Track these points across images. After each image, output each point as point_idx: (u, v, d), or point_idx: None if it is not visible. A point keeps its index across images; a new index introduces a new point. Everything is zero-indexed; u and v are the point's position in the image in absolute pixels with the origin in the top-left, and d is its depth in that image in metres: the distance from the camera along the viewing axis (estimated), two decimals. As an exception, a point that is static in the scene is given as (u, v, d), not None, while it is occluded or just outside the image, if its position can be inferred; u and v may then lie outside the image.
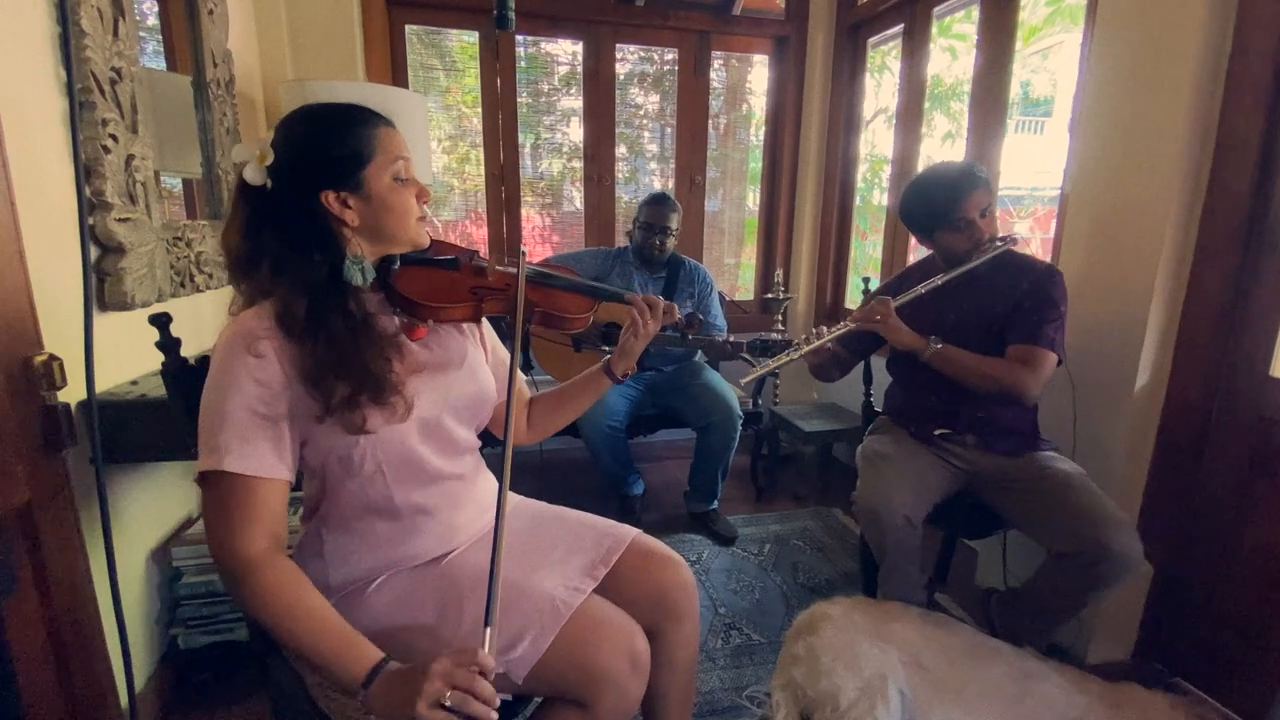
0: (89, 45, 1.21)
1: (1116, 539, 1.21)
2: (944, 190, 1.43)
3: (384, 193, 0.83)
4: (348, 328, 0.80)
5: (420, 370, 0.89)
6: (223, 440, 0.74)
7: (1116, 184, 1.53)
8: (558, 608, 0.86)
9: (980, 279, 1.47)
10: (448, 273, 0.95)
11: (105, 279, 1.27)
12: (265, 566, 0.75)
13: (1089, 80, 1.58)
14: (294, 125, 0.83)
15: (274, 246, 0.80)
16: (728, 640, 1.66)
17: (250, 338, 0.77)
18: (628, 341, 1.06)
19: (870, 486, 1.42)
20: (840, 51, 2.75)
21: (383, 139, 0.84)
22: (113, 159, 1.26)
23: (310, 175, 0.80)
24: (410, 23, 2.51)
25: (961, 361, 1.42)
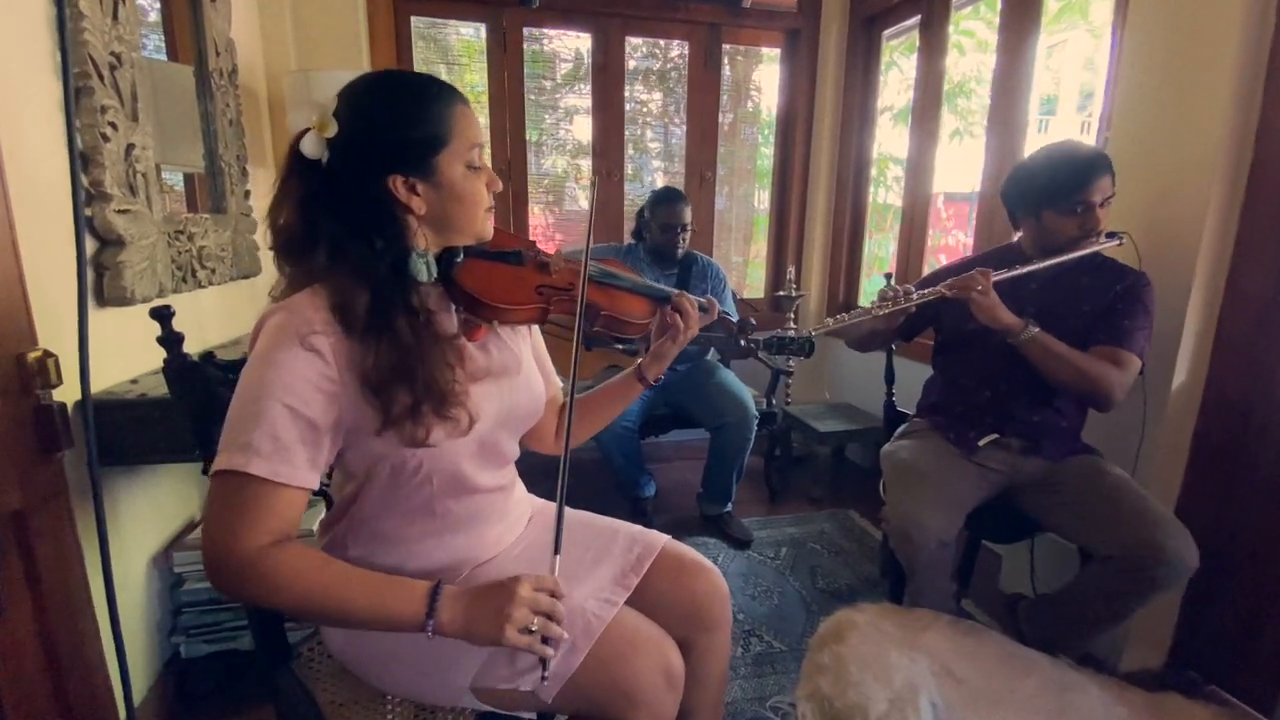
0: (87, 29, 1.15)
1: (1172, 542, 1.17)
2: (1075, 165, 1.32)
3: (456, 181, 0.75)
4: (412, 328, 0.72)
5: (482, 378, 0.81)
6: (254, 439, 0.65)
7: (1152, 179, 1.47)
8: (590, 622, 0.80)
9: (1068, 276, 1.41)
10: (512, 268, 0.87)
11: (104, 273, 1.21)
12: (270, 551, 0.67)
13: (1121, 70, 1.53)
14: (363, 96, 0.73)
15: (332, 228, 0.71)
16: (748, 648, 1.61)
17: (304, 328, 0.68)
18: (664, 346, 0.99)
19: (901, 505, 1.35)
20: (854, 45, 2.70)
21: (460, 120, 0.75)
22: (112, 148, 1.21)
23: (378, 156, 0.72)
24: (416, 14, 2.46)
25: (1058, 350, 1.30)
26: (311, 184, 0.72)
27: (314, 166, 0.71)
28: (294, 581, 0.66)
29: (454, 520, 0.83)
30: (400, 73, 0.78)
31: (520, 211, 2.73)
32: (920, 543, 1.30)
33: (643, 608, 0.89)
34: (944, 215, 4.99)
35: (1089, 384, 1.30)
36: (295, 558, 0.67)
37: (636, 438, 2.11)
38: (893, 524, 1.36)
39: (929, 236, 2.47)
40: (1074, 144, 1.37)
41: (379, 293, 0.71)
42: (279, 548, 0.67)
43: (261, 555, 0.66)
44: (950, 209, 4.93)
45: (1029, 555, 1.63)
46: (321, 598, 0.67)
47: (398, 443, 0.73)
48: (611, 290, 0.96)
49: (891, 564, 1.59)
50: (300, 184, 0.72)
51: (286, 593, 0.66)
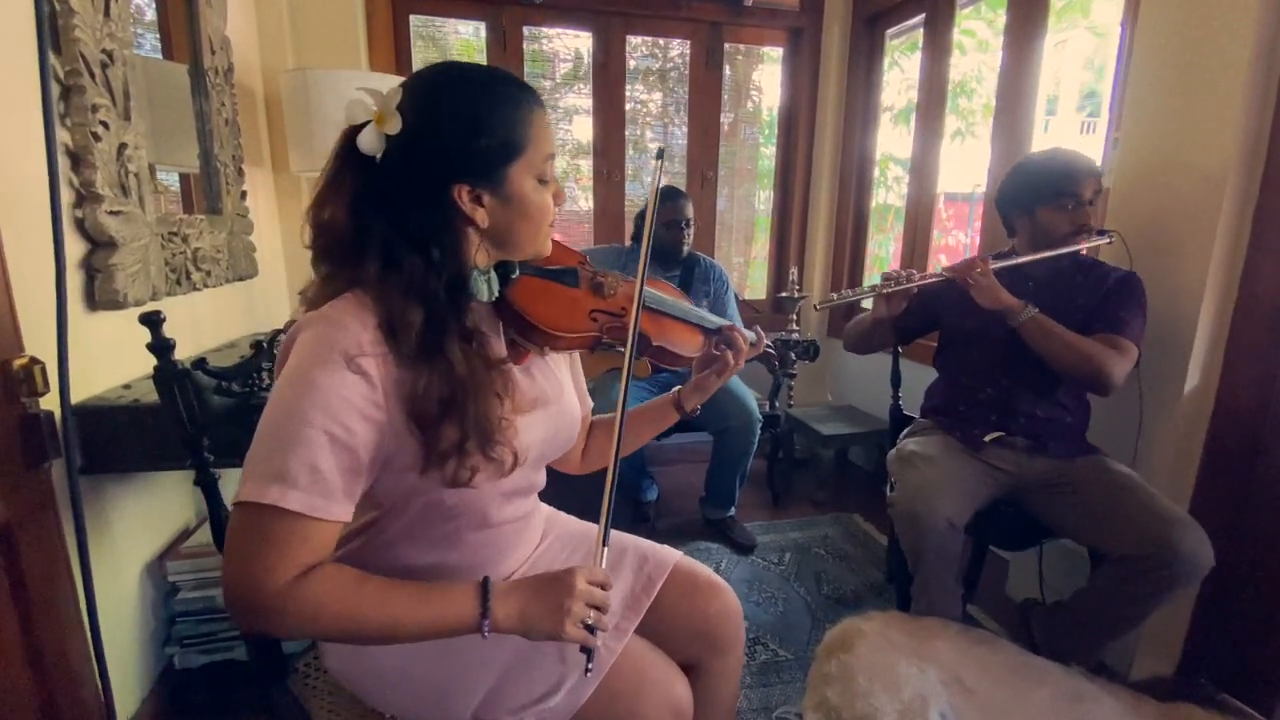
0: (78, 25, 1.12)
1: (1186, 539, 1.15)
2: (1065, 164, 1.39)
3: (526, 194, 0.69)
4: (465, 355, 0.66)
5: (529, 410, 0.74)
6: (291, 468, 0.59)
7: (1164, 180, 1.45)
8: (601, 654, 0.77)
9: (1063, 276, 1.44)
10: (566, 289, 0.80)
11: (95, 275, 1.18)
12: (299, 582, 0.61)
13: (1132, 71, 1.51)
14: (434, 91, 0.66)
15: (386, 233, 0.64)
16: (753, 656, 1.58)
17: (352, 348, 0.61)
18: (708, 379, 0.93)
19: (910, 487, 1.34)
20: (857, 44, 2.68)
21: (537, 127, 0.69)
22: (103, 147, 1.18)
23: (445, 161, 0.65)
24: (415, 11, 2.43)
25: (1056, 331, 1.33)
26: (366, 182, 0.65)
27: (369, 163, 0.64)
28: (330, 608, 0.61)
29: (472, 550, 0.78)
30: (476, 67, 0.69)
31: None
32: (929, 523, 1.28)
33: (652, 626, 0.86)
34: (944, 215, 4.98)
35: (1088, 365, 1.30)
36: (328, 582, 0.62)
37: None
38: (901, 506, 1.34)
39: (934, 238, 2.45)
40: (1061, 149, 1.44)
41: (434, 311, 0.65)
42: (309, 576, 0.61)
43: (291, 588, 0.60)
44: (950, 209, 4.92)
45: (1038, 561, 1.60)
46: (363, 619, 0.63)
47: (438, 481, 0.67)
48: (663, 319, 0.89)
49: (898, 570, 1.56)
50: (353, 181, 0.65)
51: (325, 621, 0.61)
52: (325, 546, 0.63)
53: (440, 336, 0.65)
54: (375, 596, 0.64)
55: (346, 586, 0.63)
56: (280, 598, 0.60)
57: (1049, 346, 1.33)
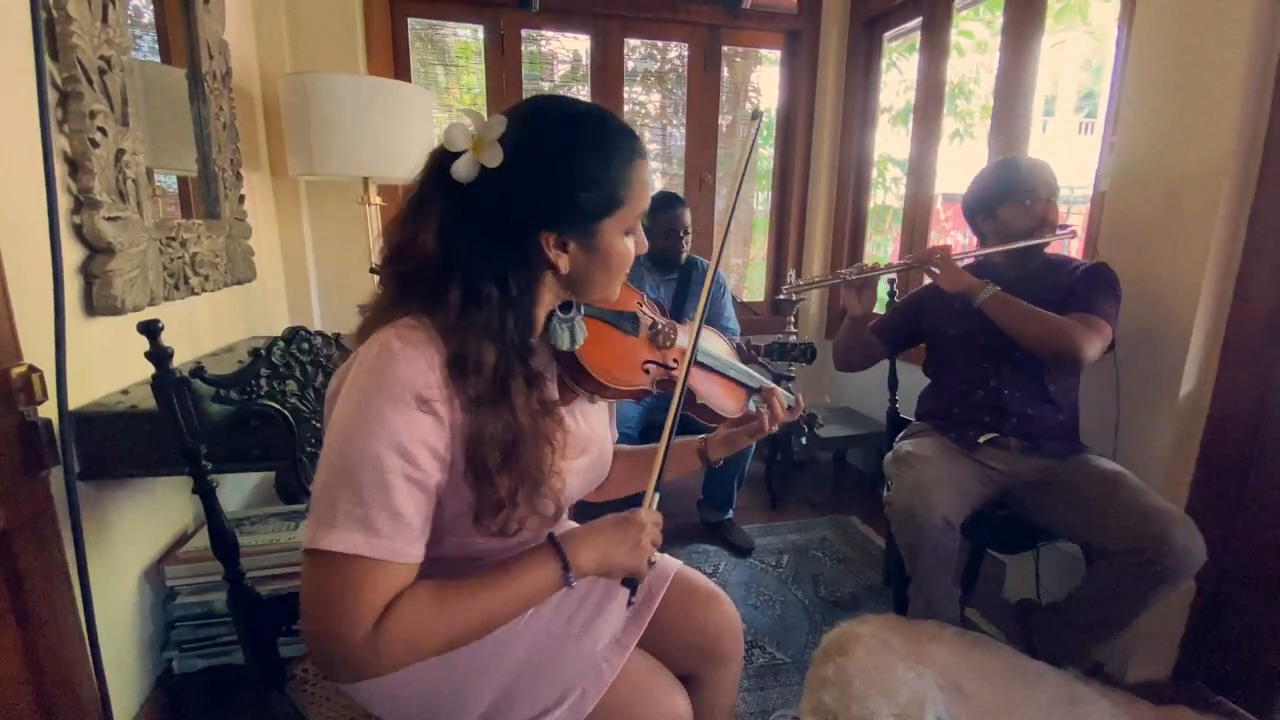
0: (75, 32, 1.13)
1: (1177, 532, 1.15)
2: (1019, 166, 1.47)
3: (613, 248, 0.67)
4: (527, 403, 0.64)
5: (575, 457, 0.73)
6: (373, 514, 0.57)
7: (1159, 183, 1.46)
8: (601, 669, 0.77)
9: (1033, 276, 1.47)
10: (625, 337, 0.78)
11: (93, 281, 1.19)
12: (384, 623, 0.58)
13: (1128, 75, 1.51)
14: (539, 131, 0.64)
15: (470, 265, 0.62)
16: (751, 659, 1.59)
17: (424, 388, 0.59)
18: (739, 436, 0.92)
19: (906, 486, 1.34)
20: (855, 46, 2.68)
21: (636, 184, 0.66)
22: (101, 153, 1.18)
23: (543, 206, 0.64)
24: (414, 15, 2.43)
25: (1021, 308, 1.35)
26: (455, 210, 0.63)
27: (459, 190, 0.63)
28: (424, 632, 0.60)
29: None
30: (587, 110, 0.66)
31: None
32: (925, 521, 1.28)
33: (651, 637, 0.86)
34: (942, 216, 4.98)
35: (1056, 337, 1.32)
36: (411, 611, 0.60)
37: (638, 443, 2.08)
38: (897, 504, 1.34)
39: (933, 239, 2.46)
40: (1016, 155, 1.55)
41: (505, 352, 0.63)
42: (391, 613, 0.59)
43: (376, 632, 0.58)
44: (949, 210, 4.92)
45: (1034, 563, 1.61)
46: (460, 626, 0.62)
47: (484, 531, 0.66)
48: (712, 376, 0.88)
49: (896, 572, 1.57)
50: (444, 206, 0.63)
51: (425, 646, 0.60)
52: (399, 586, 0.61)
53: (508, 378, 0.63)
54: (460, 600, 0.62)
55: (430, 605, 0.61)
56: (370, 644, 0.58)
57: (1014, 322, 1.36)
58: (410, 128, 1.94)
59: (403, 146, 1.92)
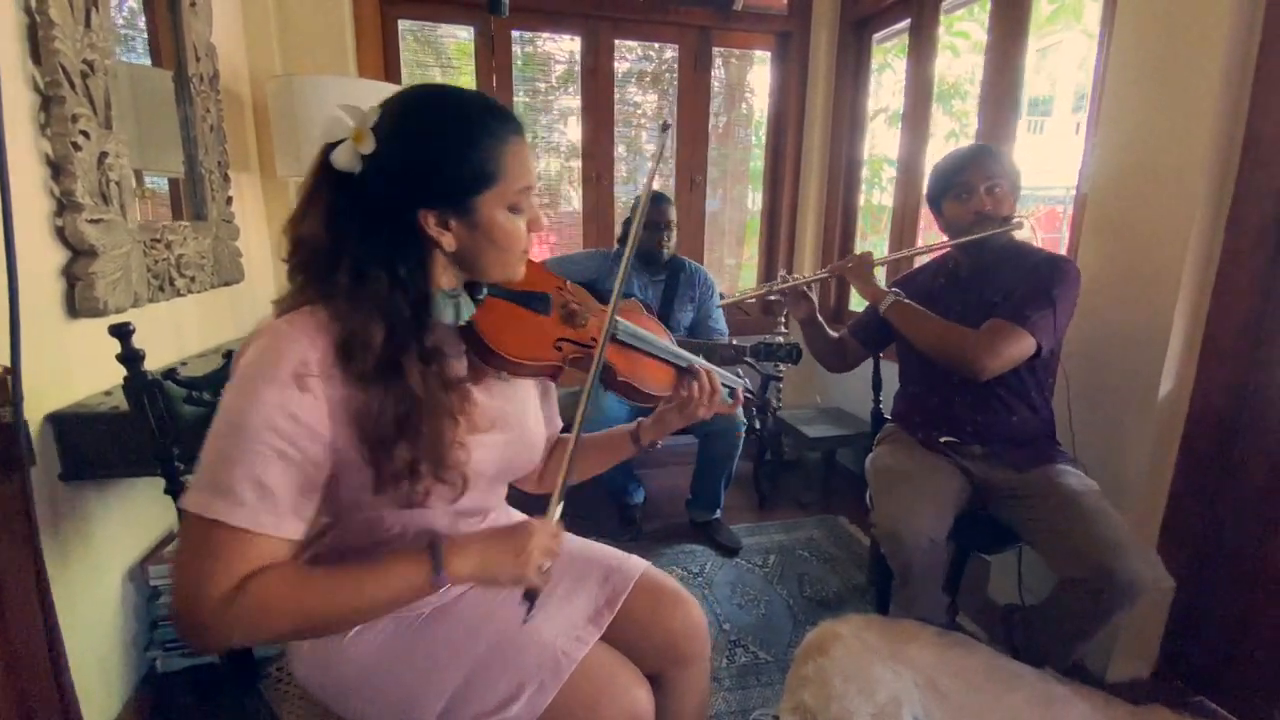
0: (58, 36, 1.14)
1: (1123, 566, 1.14)
2: (954, 159, 1.46)
3: (495, 223, 0.69)
4: (423, 377, 0.66)
5: (485, 430, 0.74)
6: (236, 482, 0.59)
7: (1138, 184, 1.46)
8: (559, 661, 0.78)
9: (988, 271, 1.46)
10: (535, 315, 0.79)
11: (75, 284, 1.20)
12: (245, 586, 0.60)
13: (1109, 76, 1.52)
14: (408, 116, 0.66)
15: (357, 250, 0.65)
16: (733, 659, 1.60)
17: (301, 366, 0.61)
18: (669, 414, 0.93)
19: (889, 507, 1.35)
20: (844, 48, 2.69)
21: (512, 159, 0.68)
22: (83, 156, 1.19)
23: (416, 186, 0.66)
24: (403, 17, 2.44)
25: (916, 319, 1.40)
26: (341, 198, 0.66)
27: (345, 178, 0.65)
28: (277, 607, 0.61)
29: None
30: (455, 93, 0.69)
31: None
32: (912, 543, 1.29)
33: (615, 636, 0.87)
34: (939, 216, 4.95)
35: (949, 352, 1.35)
36: (270, 583, 0.61)
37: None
38: (882, 528, 1.35)
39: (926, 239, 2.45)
40: (960, 147, 1.49)
41: (395, 330, 0.65)
42: (251, 582, 0.60)
43: (233, 597, 0.60)
44: (946, 210, 4.91)
45: (1017, 564, 1.61)
46: (316, 610, 0.63)
47: (388, 503, 0.68)
48: (635, 354, 0.88)
49: (879, 573, 1.58)
50: (329, 196, 0.66)
51: (275, 621, 0.61)
52: (268, 560, 0.62)
53: (400, 355, 0.65)
54: (322, 584, 0.64)
55: (291, 584, 0.62)
56: (220, 609, 0.59)
57: (910, 332, 1.39)
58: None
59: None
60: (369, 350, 0.63)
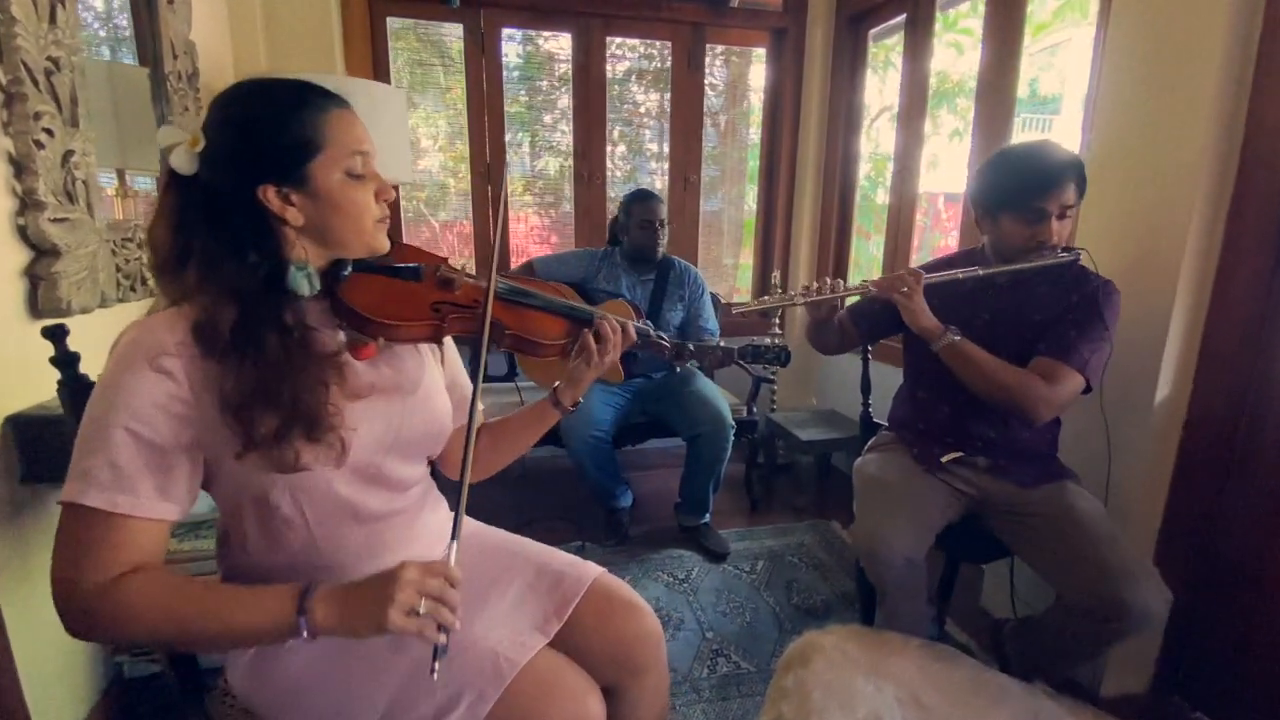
0: (20, 34, 1.12)
1: (1137, 597, 1.09)
2: (1037, 169, 1.25)
3: (333, 190, 0.71)
4: (282, 345, 0.68)
5: (363, 396, 0.76)
6: (93, 467, 0.62)
7: (1134, 183, 1.41)
8: (500, 667, 0.75)
9: (1026, 283, 1.35)
10: (407, 284, 0.83)
11: (39, 284, 1.18)
12: (118, 582, 0.63)
13: (1104, 71, 1.47)
14: (229, 105, 0.70)
15: (204, 245, 0.68)
16: (714, 669, 1.56)
17: (155, 349, 0.65)
18: (578, 369, 0.94)
19: (867, 523, 1.30)
20: (840, 44, 2.64)
21: (335, 126, 0.71)
22: (47, 155, 1.17)
23: (246, 166, 0.68)
24: (392, 14, 2.42)
25: (976, 360, 1.26)
26: (186, 199, 0.69)
27: (190, 181, 0.68)
28: (148, 610, 0.63)
29: (346, 555, 0.77)
30: (269, 79, 0.73)
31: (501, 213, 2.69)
32: (887, 561, 1.24)
33: (567, 647, 0.84)
34: (944, 216, 4.91)
35: (1010, 398, 1.25)
36: (146, 584, 0.64)
37: (610, 448, 2.06)
38: (859, 544, 1.30)
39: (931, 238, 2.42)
40: (1046, 146, 1.29)
41: (248, 308, 0.67)
42: (128, 577, 0.64)
43: (108, 589, 0.63)
44: (950, 210, 4.85)
45: (1009, 574, 1.57)
46: (183, 622, 0.64)
47: (264, 467, 0.68)
48: (521, 309, 0.92)
49: (864, 583, 1.53)
50: (174, 199, 0.69)
51: (144, 623, 0.63)
52: (144, 544, 0.65)
53: (254, 330, 0.67)
54: (195, 599, 0.65)
55: (165, 589, 0.64)
56: (94, 598, 0.62)
57: (966, 375, 1.28)
58: (382, 128, 1.92)
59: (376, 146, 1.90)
60: (221, 328, 0.66)
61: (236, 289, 0.67)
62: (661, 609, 1.77)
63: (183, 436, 0.66)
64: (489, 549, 0.95)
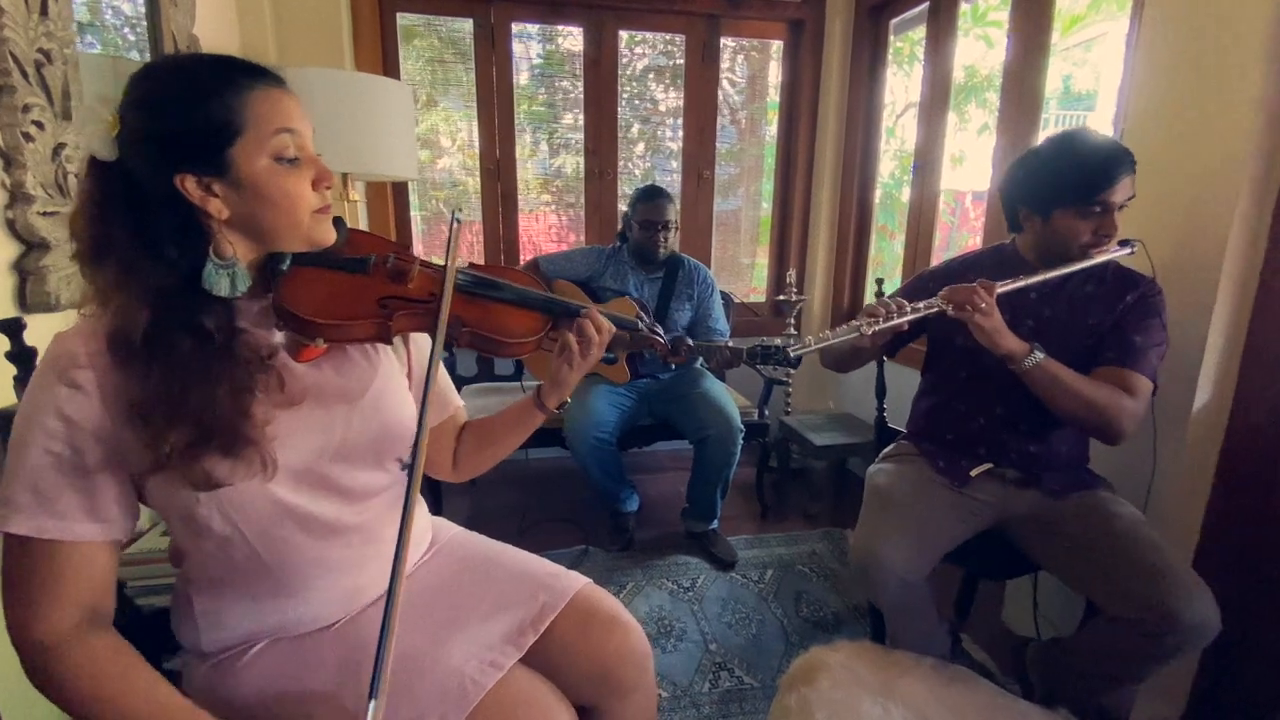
0: (8, 24, 1.10)
1: (1190, 608, 1.00)
2: (1098, 159, 1.13)
3: (259, 177, 0.64)
4: (195, 352, 0.63)
5: (296, 403, 0.71)
6: (13, 493, 0.60)
7: (1172, 177, 1.31)
8: (466, 689, 0.70)
9: (1072, 285, 1.25)
10: (351, 277, 0.75)
11: (27, 278, 1.16)
12: (70, 647, 0.61)
13: (1138, 61, 1.38)
14: (141, 84, 0.63)
15: (121, 239, 0.62)
16: (716, 683, 1.49)
17: (67, 362, 0.61)
18: (560, 370, 0.87)
19: (865, 536, 1.22)
20: (860, 35, 2.55)
21: (258, 105, 0.64)
22: (36, 148, 1.16)
23: (157, 151, 0.62)
24: (401, 10, 2.40)
25: (1064, 380, 1.14)
26: (106, 188, 0.63)
27: (110, 168, 0.62)
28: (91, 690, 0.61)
29: (299, 570, 0.72)
30: (186, 55, 0.68)
31: (510, 213, 2.66)
32: (880, 581, 1.17)
33: (546, 662, 0.80)
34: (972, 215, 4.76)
35: (1098, 416, 1.14)
36: (99, 659, 0.62)
37: (615, 450, 2.00)
38: (853, 557, 1.23)
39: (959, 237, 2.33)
40: (1092, 134, 1.19)
41: (161, 311, 0.62)
42: (85, 641, 0.62)
43: (64, 645, 0.61)
44: (978, 208, 4.70)
45: (1032, 591, 1.48)
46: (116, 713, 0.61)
47: (179, 485, 0.63)
48: (484, 303, 0.83)
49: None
50: (93, 187, 0.63)
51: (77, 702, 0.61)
52: (89, 568, 0.63)
53: (166, 335, 0.62)
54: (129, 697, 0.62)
55: (108, 668, 0.62)
56: (49, 653, 0.61)
57: (1053, 396, 1.16)
58: (390, 124, 1.89)
59: (382, 142, 1.87)
60: (132, 333, 0.61)
61: (151, 290, 0.62)
62: (664, 618, 1.71)
63: (97, 453, 0.62)
64: (470, 560, 0.91)
